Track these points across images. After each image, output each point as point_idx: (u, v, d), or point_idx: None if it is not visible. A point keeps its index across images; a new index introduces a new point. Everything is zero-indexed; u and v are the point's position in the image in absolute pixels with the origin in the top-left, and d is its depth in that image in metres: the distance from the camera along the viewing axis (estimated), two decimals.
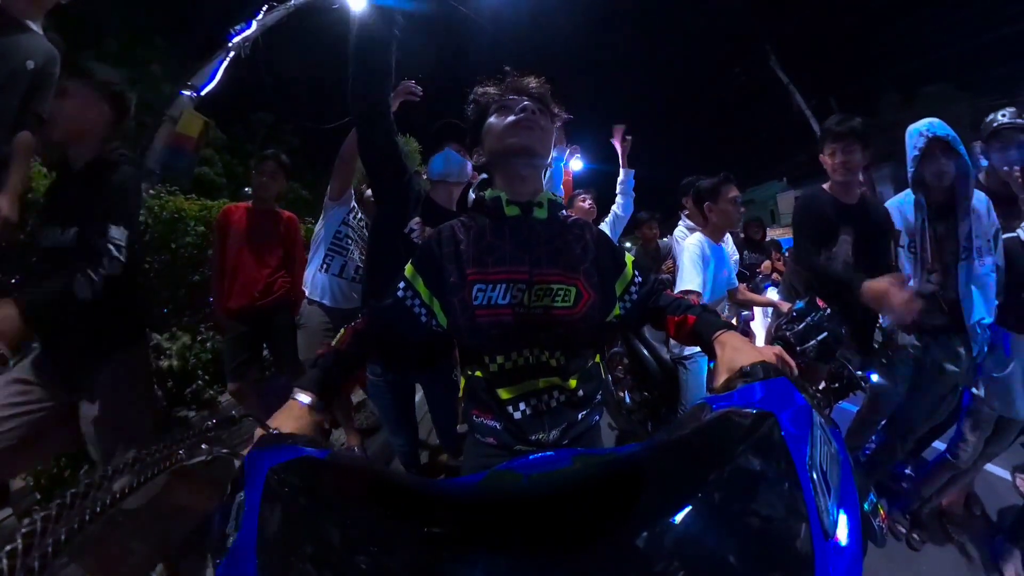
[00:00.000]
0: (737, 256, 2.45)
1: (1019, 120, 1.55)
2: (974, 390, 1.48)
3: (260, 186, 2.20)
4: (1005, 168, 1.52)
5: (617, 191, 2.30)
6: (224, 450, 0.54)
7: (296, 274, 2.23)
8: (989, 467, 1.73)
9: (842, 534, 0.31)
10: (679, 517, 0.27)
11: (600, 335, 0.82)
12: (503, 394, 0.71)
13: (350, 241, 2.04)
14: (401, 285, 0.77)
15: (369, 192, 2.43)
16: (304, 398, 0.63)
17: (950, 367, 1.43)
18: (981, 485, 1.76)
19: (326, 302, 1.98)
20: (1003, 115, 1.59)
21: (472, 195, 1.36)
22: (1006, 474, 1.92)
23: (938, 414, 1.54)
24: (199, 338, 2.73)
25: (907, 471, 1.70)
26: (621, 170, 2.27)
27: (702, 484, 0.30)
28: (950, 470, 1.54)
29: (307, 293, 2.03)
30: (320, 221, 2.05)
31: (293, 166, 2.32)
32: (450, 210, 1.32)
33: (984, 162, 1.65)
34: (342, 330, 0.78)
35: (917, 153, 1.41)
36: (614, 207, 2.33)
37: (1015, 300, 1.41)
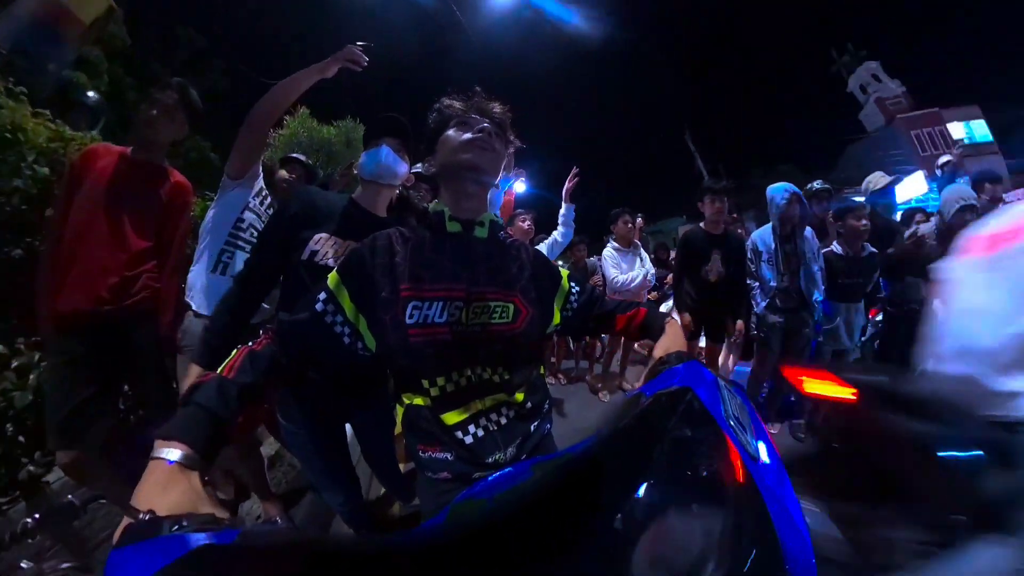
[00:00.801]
0: (653, 270, 3.38)
1: (825, 186, 2.75)
2: (819, 339, 2.43)
3: (148, 122, 1.41)
4: (821, 213, 2.66)
5: (559, 222, 2.55)
6: (65, 565, 0.36)
7: (171, 270, 1.52)
8: None
9: (764, 455, 0.39)
10: (641, 492, 0.30)
11: (541, 347, 0.83)
12: (449, 419, 0.67)
13: (254, 233, 1.50)
14: (321, 297, 0.68)
15: (283, 172, 2.02)
16: (172, 453, 0.46)
17: (805, 330, 2.34)
18: None
19: None
20: (816, 184, 2.74)
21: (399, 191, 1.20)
22: None
23: (801, 361, 2.34)
24: (12, 363, 1.51)
25: (791, 399, 2.42)
26: (563, 204, 2.50)
27: (651, 459, 0.34)
28: None
29: (192, 304, 1.42)
30: (214, 205, 1.52)
31: (209, 115, 1.57)
32: (375, 216, 1.12)
33: (811, 209, 2.64)
34: (233, 352, 0.63)
35: (783, 202, 2.25)
36: (555, 234, 2.58)
37: (832, 285, 2.37)
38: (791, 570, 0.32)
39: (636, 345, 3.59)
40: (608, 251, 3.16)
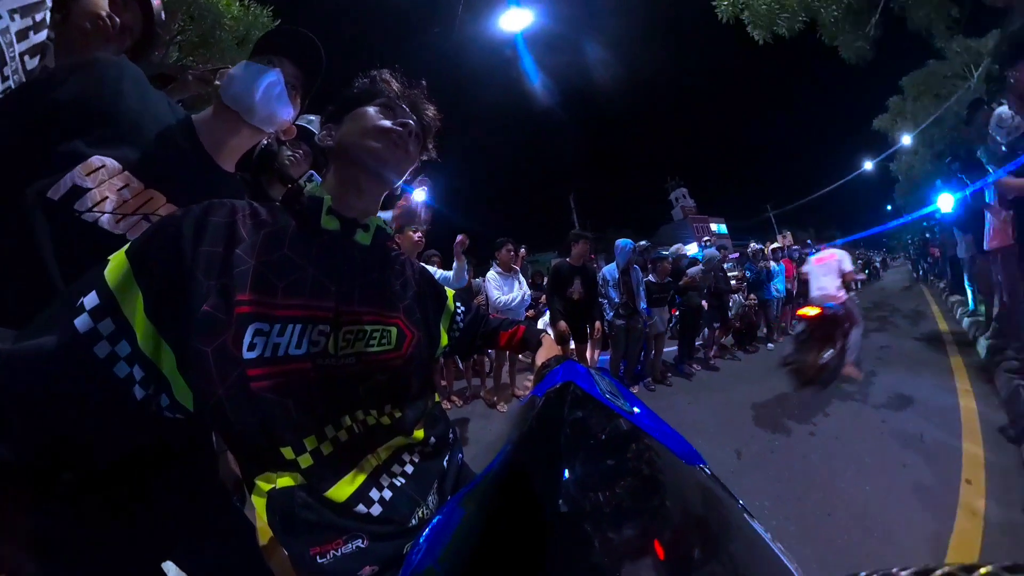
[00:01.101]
0: (530, 292, 4.11)
1: (648, 244, 4.40)
2: (647, 330, 3.81)
3: None
4: (645, 258, 4.22)
5: (452, 273, 2.90)
6: None
7: None
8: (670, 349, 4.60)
9: (636, 409, 0.50)
10: (565, 474, 0.35)
11: (431, 373, 0.71)
12: (339, 493, 0.48)
13: None
14: (89, 302, 0.40)
15: (102, 4, 0.82)
16: None
17: (638, 326, 3.68)
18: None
19: None
20: (643, 243, 4.36)
21: (263, 145, 0.82)
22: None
23: (639, 347, 3.87)
24: None
25: (639, 369, 4.03)
26: (455, 262, 2.80)
27: (560, 445, 0.39)
28: (651, 358, 4.07)
29: None
30: None
31: None
32: (214, 164, 0.73)
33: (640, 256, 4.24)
34: None
35: (628, 251, 3.66)
36: (451, 275, 2.81)
37: (649, 298, 3.84)
38: (684, 460, 0.44)
39: (520, 355, 4.02)
40: (491, 274, 3.53)
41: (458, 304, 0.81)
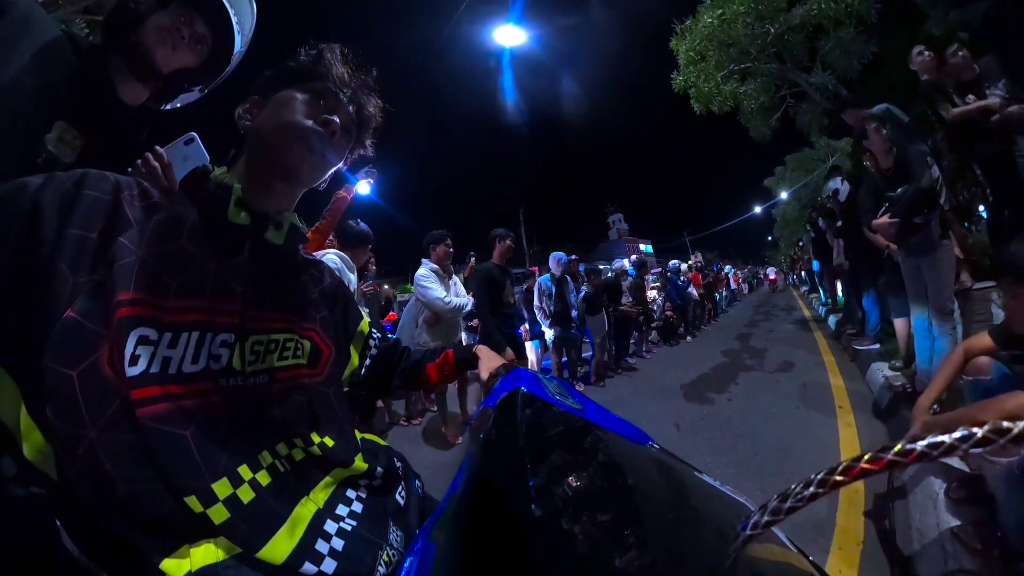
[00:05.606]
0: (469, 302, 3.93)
1: (573, 258, 4.59)
2: (587, 338, 4.29)
3: None
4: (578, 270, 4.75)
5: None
6: None
7: None
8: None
9: (584, 406, 0.53)
10: (532, 481, 0.34)
11: (346, 401, 0.62)
12: (274, 554, 0.38)
13: None
14: None
15: None
16: None
17: (572, 332, 4.04)
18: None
19: None
20: (573, 257, 4.62)
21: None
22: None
23: (577, 349, 4.23)
24: None
25: (588, 368, 4.45)
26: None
27: (521, 449, 0.39)
28: (594, 359, 4.40)
29: None
30: None
31: None
32: (112, 96, 0.63)
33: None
34: None
35: (565, 262, 4.00)
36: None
37: (590, 307, 4.35)
38: (635, 442, 0.47)
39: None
40: (425, 271, 2.70)
41: (374, 330, 0.72)
